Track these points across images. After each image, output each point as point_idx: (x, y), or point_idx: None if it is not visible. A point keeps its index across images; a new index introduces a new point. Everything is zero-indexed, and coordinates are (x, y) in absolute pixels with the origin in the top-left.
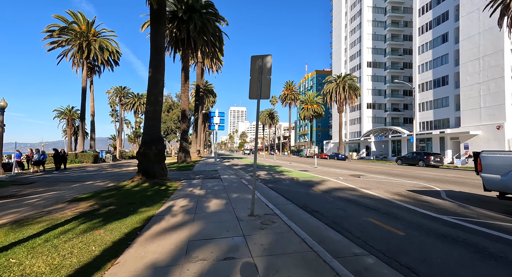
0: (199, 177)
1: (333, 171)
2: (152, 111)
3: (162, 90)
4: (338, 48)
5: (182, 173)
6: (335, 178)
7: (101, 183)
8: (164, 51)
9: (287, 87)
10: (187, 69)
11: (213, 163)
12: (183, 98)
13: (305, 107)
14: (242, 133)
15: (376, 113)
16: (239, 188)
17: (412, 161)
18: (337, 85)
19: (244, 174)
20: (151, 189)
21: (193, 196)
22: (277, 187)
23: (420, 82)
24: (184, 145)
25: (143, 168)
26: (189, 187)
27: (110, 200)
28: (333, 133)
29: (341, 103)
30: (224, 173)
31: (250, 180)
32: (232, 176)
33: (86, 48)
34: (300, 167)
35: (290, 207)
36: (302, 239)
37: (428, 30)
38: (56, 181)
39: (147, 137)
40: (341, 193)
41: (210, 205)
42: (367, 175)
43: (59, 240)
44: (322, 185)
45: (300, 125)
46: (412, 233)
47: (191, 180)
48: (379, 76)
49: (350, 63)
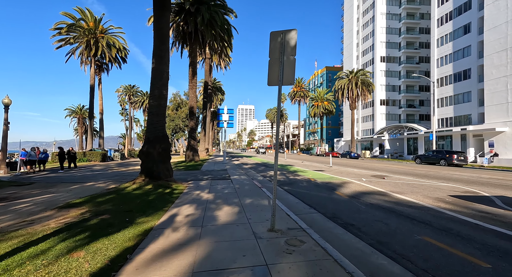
0: (208, 178)
1: (351, 171)
2: (156, 107)
3: (167, 83)
4: (350, 43)
5: (189, 172)
6: (357, 179)
7: (102, 184)
8: (168, 40)
9: (296, 85)
10: (194, 65)
11: (222, 161)
12: (191, 94)
13: (315, 104)
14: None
15: (390, 110)
16: (252, 191)
17: (433, 159)
18: (349, 81)
19: (255, 174)
20: (154, 192)
21: (200, 201)
22: (294, 190)
23: (439, 77)
24: (192, 143)
25: (146, 168)
26: (197, 190)
27: (105, 206)
28: (344, 131)
29: (353, 100)
30: (234, 173)
31: (262, 181)
32: (242, 176)
33: (93, 45)
34: (314, 167)
35: (316, 217)
36: (349, 273)
37: (448, 21)
38: (57, 181)
39: (150, 135)
40: (371, 198)
41: (220, 214)
42: (390, 175)
43: (21, 270)
44: (346, 188)
45: (310, 123)
46: (501, 265)
47: (198, 181)
48: (393, 71)
49: (362, 58)
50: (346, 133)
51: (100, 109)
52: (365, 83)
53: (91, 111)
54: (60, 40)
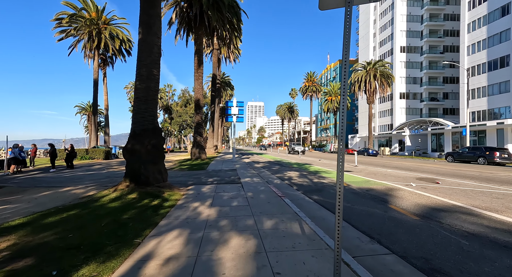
0: (213, 181)
1: (385, 172)
2: (144, 90)
3: (158, 60)
4: (366, 33)
5: (192, 173)
6: (403, 184)
7: (80, 190)
8: (160, 2)
9: (308, 79)
10: (200, 52)
11: (231, 159)
12: (197, 86)
13: (329, 99)
14: (260, 128)
15: (410, 104)
16: (271, 203)
17: (468, 157)
18: (367, 73)
19: (270, 176)
20: (135, 205)
21: (196, 223)
22: (329, 202)
23: (470, 66)
24: (198, 140)
25: (131, 170)
26: (195, 201)
27: (47, 234)
28: (359, 127)
29: (371, 94)
30: (245, 174)
31: (281, 186)
32: (255, 179)
33: (96, 36)
34: (334, 165)
35: (395, 266)
36: None
37: (482, 3)
38: (34, 184)
39: (137, 127)
40: (458, 221)
41: (224, 255)
42: (440, 178)
43: None
44: (400, 199)
45: (322, 119)
46: None
47: (201, 186)
48: (414, 62)
49: (379, 49)
50: (361, 129)
51: (105, 105)
52: (384, 75)
53: (94, 106)
54: (62, 32)
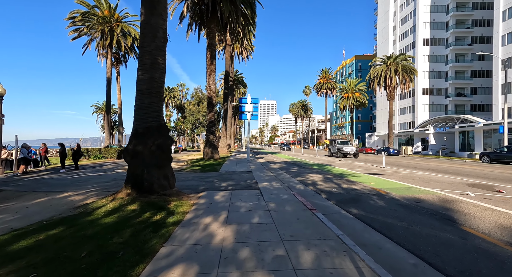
0: (227, 186)
1: (421, 175)
2: (148, 81)
3: (164, 46)
4: (385, 26)
5: (204, 176)
6: (457, 193)
7: (79, 197)
8: None
9: (322, 76)
10: (213, 46)
11: (245, 159)
12: (209, 82)
13: (345, 96)
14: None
15: (434, 100)
16: (302, 220)
17: (508, 158)
18: (387, 68)
19: (290, 179)
20: (133, 221)
21: (208, 255)
22: (375, 219)
23: (505, 57)
24: (210, 139)
25: (132, 175)
26: (207, 214)
27: (7, 269)
28: (378, 125)
29: (391, 89)
30: (262, 177)
31: (307, 194)
32: (274, 183)
33: (108, 34)
34: (360, 167)
35: None
36: None
37: None
38: (35, 188)
39: (139, 125)
40: None
41: None
42: (500, 185)
43: None
44: (470, 217)
45: (337, 117)
46: None
47: (214, 193)
48: (439, 55)
49: (400, 43)
50: (380, 127)
51: (118, 103)
52: (407, 69)
53: (108, 105)
54: (75, 31)
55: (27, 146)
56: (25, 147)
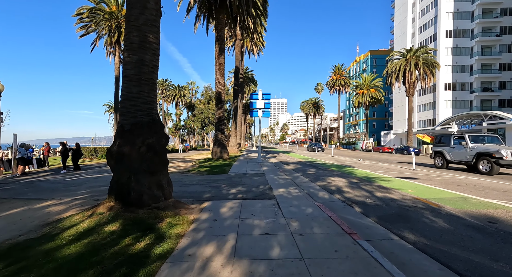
0: (236, 194)
1: (466, 180)
2: (136, 65)
3: (157, 21)
4: (403, 18)
5: (211, 179)
6: None
7: (59, 207)
8: None
9: (335, 72)
10: (222, 39)
11: (257, 159)
12: (218, 77)
13: (360, 92)
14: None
15: (457, 96)
16: (343, 254)
17: None
18: (407, 62)
19: (309, 185)
20: (107, 252)
21: None
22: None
23: None
24: (219, 137)
25: (116, 184)
26: (208, 240)
27: None
28: (394, 123)
29: (411, 85)
30: (277, 180)
31: (334, 206)
32: (292, 190)
33: (116, 30)
34: (385, 168)
35: None
36: None
37: None
38: (19, 193)
39: (126, 120)
40: None
41: None
42: None
43: None
44: None
45: (350, 115)
46: None
47: (220, 203)
48: (463, 48)
49: (419, 35)
50: (396, 125)
51: None
52: (428, 63)
53: (116, 104)
54: (83, 28)
55: (27, 145)
56: (24, 146)
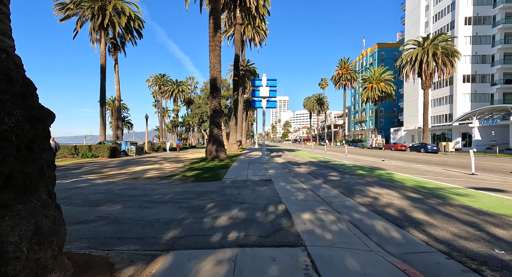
0: (226, 233)
1: None
2: None
3: None
4: (416, 6)
5: (193, 192)
6: None
7: None
8: None
9: (341, 66)
10: (217, 12)
11: (260, 159)
12: (212, 59)
13: (369, 86)
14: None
15: (477, 89)
16: None
17: None
18: (423, 51)
19: (345, 202)
20: None
21: None
22: None
23: None
24: (215, 133)
25: None
26: None
27: None
28: (405, 119)
29: (427, 76)
30: (292, 194)
31: (435, 269)
32: (324, 216)
33: (99, 12)
34: (426, 172)
35: None
36: None
37: None
38: None
39: None
40: None
41: None
42: None
43: None
44: None
45: (356, 111)
46: None
47: (187, 265)
48: (484, 36)
49: (434, 24)
50: (407, 121)
51: (117, 95)
52: (447, 52)
53: (102, 96)
54: (61, 10)
55: None
56: None
